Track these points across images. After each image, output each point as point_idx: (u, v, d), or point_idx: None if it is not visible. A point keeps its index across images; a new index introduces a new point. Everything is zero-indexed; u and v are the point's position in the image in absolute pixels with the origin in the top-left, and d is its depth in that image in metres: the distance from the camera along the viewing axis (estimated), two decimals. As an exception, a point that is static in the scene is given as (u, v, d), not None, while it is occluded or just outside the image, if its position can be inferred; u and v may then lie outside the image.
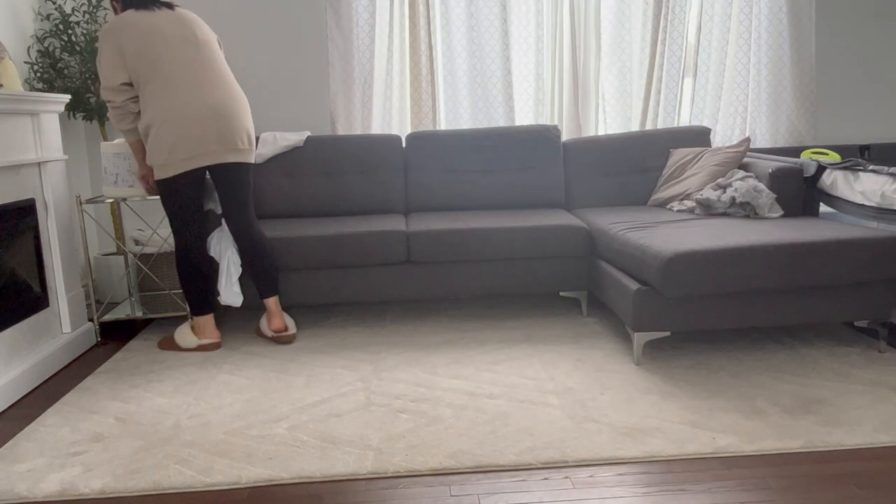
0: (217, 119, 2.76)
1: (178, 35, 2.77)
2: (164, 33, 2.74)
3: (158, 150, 2.74)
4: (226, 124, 2.78)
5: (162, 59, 2.72)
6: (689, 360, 2.70)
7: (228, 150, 2.81)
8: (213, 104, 2.75)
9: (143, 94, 2.74)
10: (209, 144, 2.75)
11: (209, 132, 2.75)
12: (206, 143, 2.75)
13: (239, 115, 2.83)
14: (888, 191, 2.73)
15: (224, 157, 2.81)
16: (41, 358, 2.75)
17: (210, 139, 2.75)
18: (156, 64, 2.72)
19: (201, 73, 2.77)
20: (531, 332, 3.10)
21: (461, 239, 3.12)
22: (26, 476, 1.99)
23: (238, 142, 2.83)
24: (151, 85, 2.72)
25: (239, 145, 2.84)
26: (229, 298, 3.07)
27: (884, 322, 2.69)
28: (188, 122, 2.71)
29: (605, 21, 4.01)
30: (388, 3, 3.86)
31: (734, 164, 3.38)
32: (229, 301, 3.07)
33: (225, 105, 2.78)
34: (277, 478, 1.93)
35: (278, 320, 3.04)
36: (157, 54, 2.72)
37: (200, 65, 2.78)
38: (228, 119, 2.79)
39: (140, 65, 2.71)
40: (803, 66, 4.02)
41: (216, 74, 2.81)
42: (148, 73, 2.72)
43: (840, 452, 1.98)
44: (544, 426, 2.18)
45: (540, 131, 3.72)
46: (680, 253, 2.49)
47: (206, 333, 3.00)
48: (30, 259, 2.84)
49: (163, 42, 2.73)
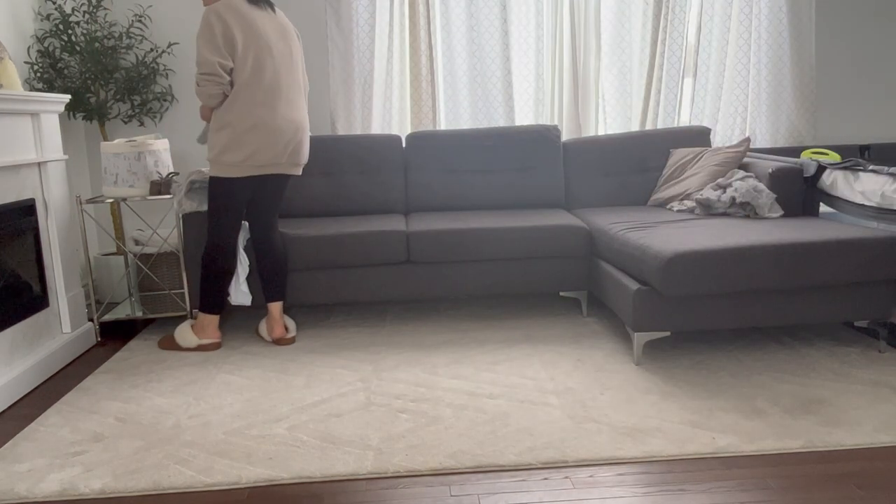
0: (293, 136, 2.87)
1: (281, 48, 2.84)
2: (269, 41, 2.79)
3: (236, 152, 2.77)
4: (299, 142, 2.91)
5: (265, 66, 2.76)
6: (689, 360, 2.70)
7: (292, 165, 2.94)
8: (293, 121, 2.86)
9: (237, 92, 2.73)
10: (283, 157, 2.86)
11: (287, 147, 2.85)
12: (281, 156, 2.85)
13: (307, 133, 2.97)
14: (888, 191, 2.73)
15: (287, 170, 2.93)
16: (41, 358, 2.75)
17: (285, 153, 2.86)
18: (259, 68, 2.75)
19: (288, 90, 2.86)
20: (531, 332, 3.10)
21: (461, 239, 3.12)
22: (26, 476, 1.99)
23: (302, 158, 2.97)
24: (248, 87, 2.74)
25: (302, 161, 2.97)
26: (239, 298, 3.07)
27: (884, 322, 2.69)
28: (271, 134, 2.79)
29: (605, 21, 4.01)
30: (388, 3, 3.86)
31: (734, 164, 3.38)
32: (239, 301, 3.07)
33: (300, 124, 2.90)
34: (277, 478, 1.93)
35: (279, 328, 3.05)
36: (263, 60, 2.76)
37: (292, 82, 2.88)
38: (301, 137, 2.91)
39: (244, 63, 2.72)
40: (803, 66, 4.02)
41: (297, 93, 2.92)
42: (248, 75, 2.73)
43: (840, 452, 1.98)
44: (544, 426, 2.18)
45: (540, 131, 3.72)
46: (680, 253, 2.49)
47: (207, 333, 3.00)
48: (30, 259, 2.84)
49: (269, 50, 2.78)
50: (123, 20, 3.86)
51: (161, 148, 3.31)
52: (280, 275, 3.03)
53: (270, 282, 3.02)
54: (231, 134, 2.75)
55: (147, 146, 3.23)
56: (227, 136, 2.76)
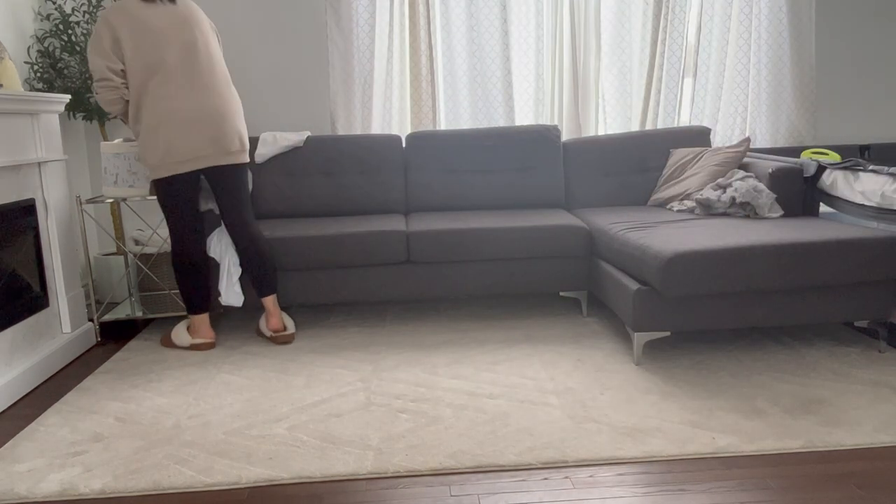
0: (211, 124, 2.78)
1: (179, 38, 2.77)
2: (165, 35, 2.74)
3: (152, 152, 2.76)
4: (219, 129, 2.81)
5: (160, 62, 2.72)
6: (689, 360, 2.70)
7: (221, 154, 2.84)
8: (207, 108, 2.78)
9: (138, 92, 2.74)
10: (203, 149, 2.78)
11: (203, 137, 2.77)
12: (199, 148, 2.78)
13: (231, 119, 2.85)
14: (888, 191, 2.73)
15: (217, 161, 2.84)
16: (41, 358, 2.75)
17: (204, 143, 2.78)
18: (154, 66, 2.72)
19: (198, 78, 2.78)
20: (531, 332, 3.10)
21: (461, 239, 3.12)
22: (26, 476, 1.99)
23: (230, 145, 2.85)
24: (148, 85, 2.73)
25: (231, 148, 2.86)
26: (230, 299, 3.07)
27: (884, 322, 2.69)
28: (182, 126, 2.73)
29: (605, 21, 4.01)
30: (388, 3, 3.86)
31: (734, 164, 3.38)
32: (230, 301, 3.07)
33: (218, 109, 2.80)
34: (277, 478, 1.93)
35: (276, 320, 3.05)
36: (157, 57, 2.72)
37: (197, 69, 2.79)
38: (221, 123, 2.81)
39: (136, 63, 2.71)
40: (803, 66, 4.02)
41: (212, 79, 2.83)
42: (144, 74, 2.72)
43: (840, 452, 1.98)
44: (544, 426, 2.18)
45: (540, 131, 3.72)
46: (680, 253, 2.49)
47: (200, 333, 3.01)
48: (30, 259, 2.84)
49: (163, 45, 2.73)
50: (123, 20, 3.86)
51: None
52: (265, 269, 3.01)
53: (257, 277, 3.01)
54: (147, 136, 2.75)
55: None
56: (143, 139, 2.76)
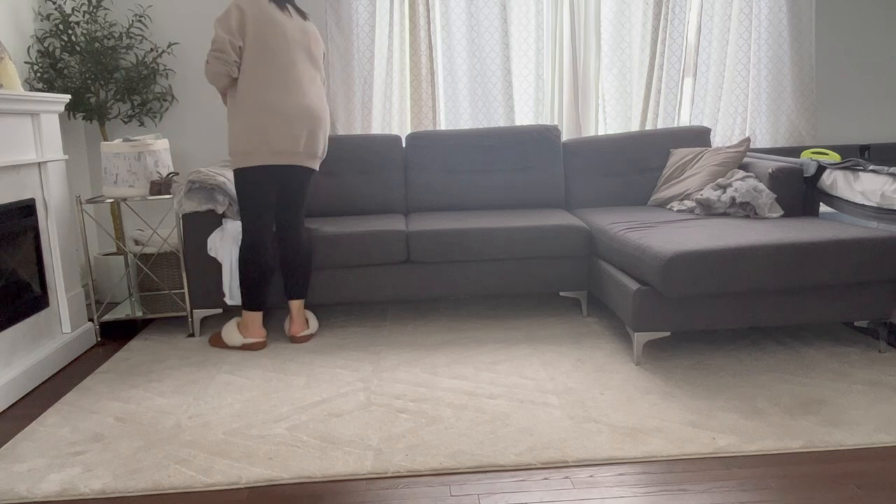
0: (310, 124, 2.84)
1: (297, 39, 2.84)
2: (286, 32, 2.81)
3: (249, 137, 2.76)
4: (315, 132, 2.87)
5: (277, 52, 2.77)
6: (689, 360, 2.70)
7: (309, 156, 2.90)
8: (310, 108, 2.84)
9: (249, 76, 2.76)
10: (297, 146, 2.83)
11: (302, 135, 2.82)
12: (294, 144, 2.82)
13: (325, 126, 2.93)
14: (888, 191, 2.73)
15: (305, 161, 2.89)
16: (41, 358, 2.75)
17: (301, 141, 2.83)
18: (271, 53, 2.76)
19: (306, 80, 2.85)
20: (531, 332, 3.10)
21: (461, 239, 3.12)
22: (26, 476, 1.99)
23: (318, 149, 2.92)
24: (260, 72, 2.76)
25: (318, 153, 2.93)
26: (234, 298, 3.07)
27: (884, 322, 2.69)
28: (288, 119, 2.78)
29: (605, 21, 4.01)
30: (388, 3, 3.86)
31: (734, 164, 3.38)
32: (235, 301, 3.07)
33: (316, 114, 2.87)
34: (277, 478, 1.93)
35: (298, 325, 3.06)
36: (276, 45, 2.77)
37: (306, 73, 2.86)
38: (316, 128, 2.87)
39: (255, 47, 2.75)
40: (803, 66, 4.02)
41: (316, 86, 2.91)
42: (259, 59, 2.75)
43: (840, 452, 1.98)
44: (544, 426, 2.18)
45: (540, 131, 3.72)
46: (680, 253, 2.49)
47: (251, 332, 3.01)
48: (30, 259, 2.84)
49: (283, 38, 2.79)
50: (123, 20, 3.87)
51: (161, 148, 3.31)
52: (302, 273, 3.02)
53: (291, 279, 3.02)
54: (244, 119, 2.76)
55: (147, 146, 3.23)
56: (240, 123, 2.77)
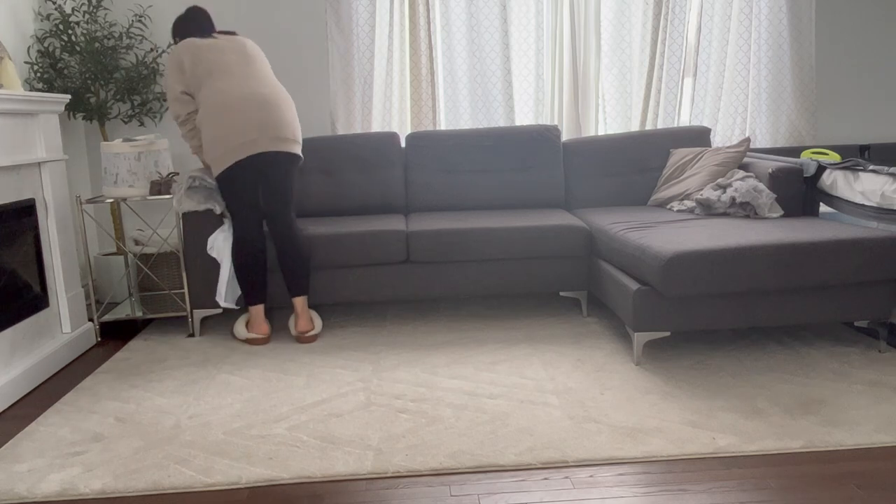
0: (262, 108, 2.85)
1: (229, 47, 2.97)
2: (220, 47, 2.95)
3: (211, 146, 2.88)
4: (267, 115, 2.86)
5: (214, 64, 2.90)
6: (689, 360, 2.70)
7: (270, 140, 2.86)
8: (257, 94, 2.87)
9: (201, 96, 2.91)
10: (256, 132, 2.83)
11: (252, 121, 2.83)
12: (252, 131, 2.83)
13: (281, 108, 2.91)
14: (888, 191, 2.73)
15: (266, 146, 2.86)
16: (41, 358, 2.75)
17: (251, 128, 2.83)
18: (208, 69, 2.89)
19: (246, 74, 2.93)
20: (531, 332, 3.10)
21: (461, 239, 3.12)
22: (26, 476, 1.99)
23: (279, 131, 2.88)
24: (204, 88, 2.90)
25: (280, 134, 2.88)
26: (229, 300, 3.07)
27: (884, 322, 2.69)
28: (236, 111, 2.83)
29: (605, 21, 4.01)
30: (388, 3, 3.86)
31: (734, 164, 3.38)
32: (228, 302, 3.07)
33: (269, 95, 2.89)
34: (277, 478, 1.93)
35: (304, 322, 3.06)
36: (212, 61, 2.90)
37: (246, 67, 2.95)
38: (269, 110, 2.87)
39: (195, 72, 2.92)
40: (803, 66, 4.02)
41: (261, 75, 2.97)
42: (201, 78, 2.91)
43: (840, 452, 1.98)
44: (544, 426, 2.18)
45: (540, 131, 3.72)
46: (680, 253, 2.49)
47: (254, 327, 3.03)
48: (30, 259, 2.84)
49: (218, 52, 2.93)
50: (123, 20, 3.87)
51: (161, 148, 3.31)
52: (301, 270, 3.02)
53: (290, 277, 3.02)
54: (204, 132, 2.88)
55: (147, 146, 3.23)
56: (204, 135, 2.89)
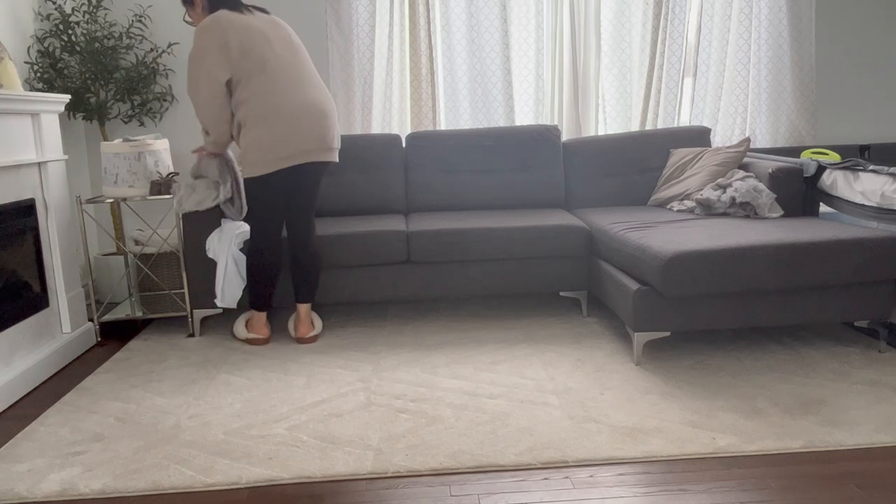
0: (316, 118, 2.79)
1: (278, 36, 2.80)
2: (263, 32, 2.77)
3: (256, 147, 2.74)
4: (322, 124, 2.81)
5: (266, 56, 2.73)
6: (689, 360, 2.70)
7: (324, 150, 2.84)
8: (312, 104, 2.78)
9: (244, 90, 2.74)
10: (310, 143, 2.78)
11: (311, 131, 2.77)
12: (306, 142, 2.77)
13: (332, 116, 2.87)
14: (888, 191, 2.73)
15: (318, 157, 2.83)
16: (41, 358, 2.75)
17: (310, 138, 2.77)
18: (261, 60, 2.72)
19: (301, 74, 2.81)
20: (531, 332, 3.10)
21: (461, 239, 3.12)
22: (26, 476, 1.99)
23: (332, 141, 2.86)
24: (255, 81, 2.72)
25: (332, 144, 2.87)
26: (226, 300, 3.06)
27: (884, 322, 2.69)
28: (291, 120, 2.73)
29: (605, 21, 4.01)
30: (388, 3, 3.86)
31: (734, 164, 3.38)
32: (226, 303, 3.06)
33: (322, 104, 2.82)
34: (277, 478, 1.93)
35: (306, 327, 3.05)
36: (262, 51, 2.73)
37: (299, 66, 2.82)
38: (324, 119, 2.82)
39: (245, 61, 2.71)
40: (803, 66, 4.02)
41: (312, 76, 2.86)
42: (252, 70, 2.72)
43: (840, 452, 1.98)
44: (544, 426, 2.18)
45: (540, 131, 3.72)
46: (680, 253, 2.49)
47: (256, 329, 3.04)
48: (30, 259, 2.84)
49: (266, 41, 2.75)
50: (123, 20, 3.87)
51: (161, 148, 3.31)
52: (311, 276, 3.00)
53: (300, 283, 3.00)
54: (251, 132, 2.73)
55: (147, 146, 3.23)
56: (246, 136, 2.75)
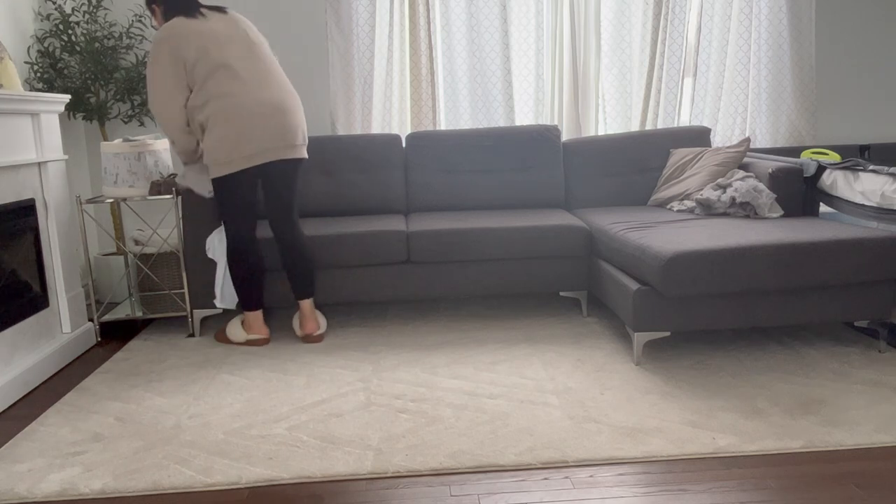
0: (276, 115, 2.77)
1: (232, 35, 2.79)
2: (217, 34, 2.76)
3: (220, 147, 2.73)
4: (284, 120, 2.79)
5: (221, 59, 2.73)
6: (689, 360, 2.70)
7: (287, 147, 2.82)
8: (272, 101, 2.77)
9: (202, 94, 2.73)
10: (271, 140, 2.76)
11: (270, 128, 2.76)
12: (267, 140, 2.76)
13: (294, 112, 2.85)
14: (888, 191, 2.73)
15: (282, 154, 2.81)
16: (41, 358, 2.75)
17: (271, 135, 2.76)
18: (215, 62, 2.72)
19: (258, 71, 2.79)
20: (531, 332, 3.10)
21: (461, 239, 3.12)
22: (26, 476, 1.99)
23: (294, 138, 2.84)
24: (211, 84, 2.72)
25: (295, 141, 2.85)
26: (226, 301, 3.07)
27: (884, 322, 2.69)
28: (251, 118, 2.72)
29: (605, 21, 4.01)
30: (388, 3, 3.86)
31: (734, 164, 3.38)
32: (225, 303, 3.07)
33: (283, 101, 2.80)
34: (277, 478, 1.93)
35: (311, 324, 3.05)
36: (217, 54, 2.73)
37: (256, 63, 2.80)
38: (286, 115, 2.80)
39: (200, 66, 2.72)
40: (803, 66, 4.02)
41: (271, 72, 2.83)
42: (208, 73, 2.72)
43: (840, 452, 1.98)
44: (544, 426, 2.18)
45: (540, 131, 3.72)
46: (680, 253, 2.49)
47: (254, 329, 3.02)
48: (30, 259, 2.84)
49: (220, 43, 2.74)
50: (123, 20, 3.87)
51: (161, 148, 3.31)
52: (306, 272, 3.00)
53: (296, 280, 3.00)
54: (213, 132, 2.73)
55: (147, 146, 3.23)
56: (209, 136, 2.74)
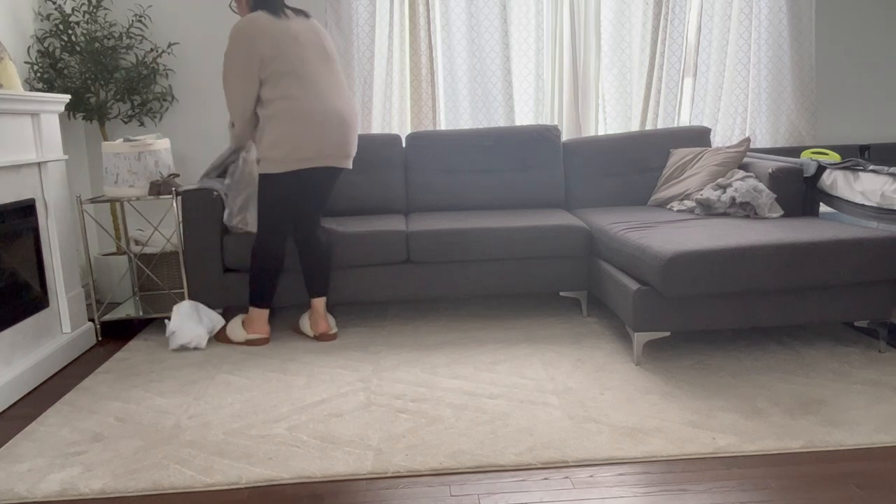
0: (340, 126, 2.83)
1: (310, 40, 2.84)
2: (297, 37, 2.80)
3: (279, 145, 2.77)
4: (345, 132, 2.86)
5: (296, 61, 2.77)
6: (689, 360, 2.70)
7: (342, 157, 2.89)
8: (336, 111, 2.82)
9: (272, 90, 2.76)
10: (330, 148, 2.83)
11: (332, 137, 2.82)
12: (327, 147, 2.82)
13: (354, 127, 2.92)
14: (888, 191, 2.73)
15: (336, 162, 2.88)
16: (41, 358, 2.75)
17: (331, 144, 2.82)
18: (291, 64, 2.76)
19: (330, 81, 2.85)
20: (531, 332, 3.10)
21: (461, 239, 3.12)
22: (26, 476, 1.99)
23: (350, 149, 2.91)
24: (283, 83, 2.75)
25: (350, 152, 2.92)
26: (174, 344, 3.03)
27: (884, 322, 2.69)
28: (314, 125, 2.77)
29: (605, 21, 4.01)
30: (388, 3, 3.86)
31: (734, 164, 3.38)
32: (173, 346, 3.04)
33: (347, 114, 2.87)
34: (277, 478, 1.93)
35: (324, 323, 3.07)
36: (293, 56, 2.77)
37: (327, 73, 2.86)
38: (347, 127, 2.87)
39: (274, 63, 2.75)
40: (803, 66, 4.02)
41: (339, 85, 2.90)
42: (282, 72, 2.75)
43: (840, 452, 1.98)
44: (544, 426, 2.18)
45: (540, 131, 3.72)
46: (680, 253, 2.49)
47: (256, 328, 3.03)
48: (30, 259, 2.84)
49: (298, 46, 2.79)
50: (123, 20, 3.87)
51: (161, 148, 3.31)
52: (323, 270, 3.03)
53: (312, 277, 3.02)
54: (277, 129, 2.76)
55: (147, 146, 3.24)
56: (271, 132, 2.77)
